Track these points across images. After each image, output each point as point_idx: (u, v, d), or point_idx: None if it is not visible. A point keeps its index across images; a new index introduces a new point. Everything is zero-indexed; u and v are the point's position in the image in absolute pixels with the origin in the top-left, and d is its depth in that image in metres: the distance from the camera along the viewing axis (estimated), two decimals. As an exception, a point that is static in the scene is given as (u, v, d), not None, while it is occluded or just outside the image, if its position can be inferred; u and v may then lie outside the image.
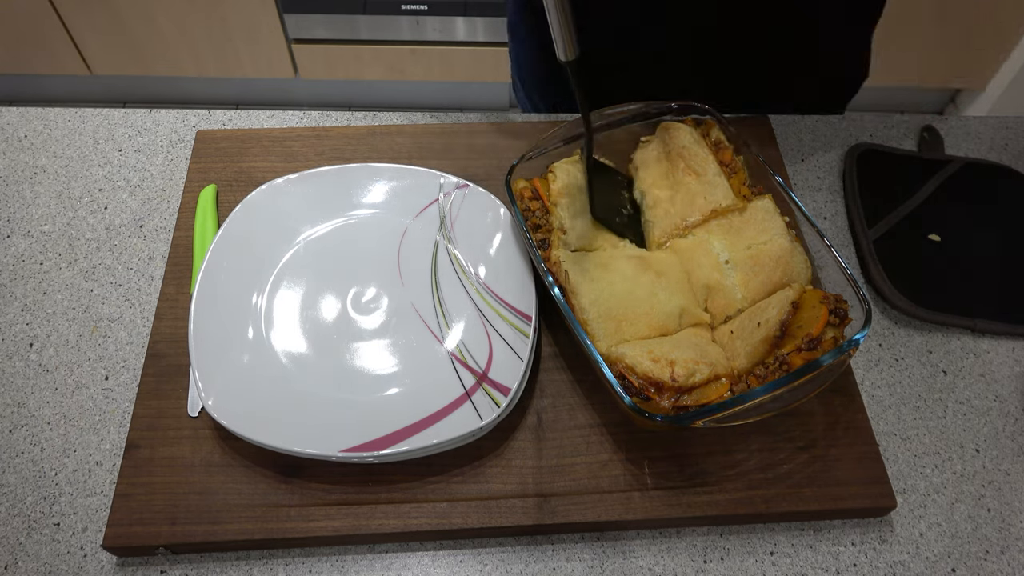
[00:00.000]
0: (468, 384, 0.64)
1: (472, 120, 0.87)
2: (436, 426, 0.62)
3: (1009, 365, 0.73)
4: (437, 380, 0.65)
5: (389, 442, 0.60)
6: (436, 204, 0.76)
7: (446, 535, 0.62)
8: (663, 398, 0.59)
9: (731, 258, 0.69)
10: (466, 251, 0.74)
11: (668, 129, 0.75)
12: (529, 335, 0.66)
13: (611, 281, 0.66)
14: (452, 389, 0.64)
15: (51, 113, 0.88)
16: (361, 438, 0.61)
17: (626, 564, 0.61)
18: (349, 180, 0.77)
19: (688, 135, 0.74)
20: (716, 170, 0.72)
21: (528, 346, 0.65)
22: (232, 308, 0.69)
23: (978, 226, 0.81)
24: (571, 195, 0.71)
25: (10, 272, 0.76)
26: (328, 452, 0.60)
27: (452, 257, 0.73)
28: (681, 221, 0.71)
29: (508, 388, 0.63)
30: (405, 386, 0.66)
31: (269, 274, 0.72)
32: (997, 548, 0.63)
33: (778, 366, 0.61)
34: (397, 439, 0.61)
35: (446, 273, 0.72)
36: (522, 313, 0.68)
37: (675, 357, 0.61)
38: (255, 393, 0.64)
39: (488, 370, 0.65)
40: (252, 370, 0.65)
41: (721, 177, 0.72)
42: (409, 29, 2.00)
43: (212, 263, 0.70)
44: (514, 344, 0.66)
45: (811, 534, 0.63)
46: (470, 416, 0.62)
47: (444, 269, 0.73)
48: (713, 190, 0.71)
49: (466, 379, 0.65)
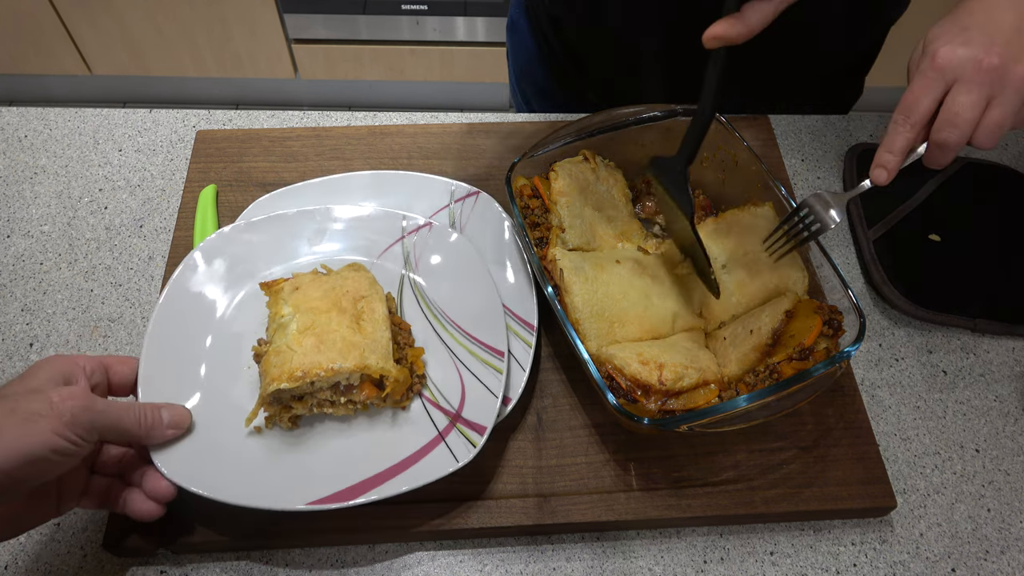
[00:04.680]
0: (441, 426, 0.62)
1: (472, 120, 0.87)
2: (409, 471, 0.59)
3: (1009, 365, 0.73)
4: (408, 423, 0.63)
5: (359, 491, 0.57)
6: (400, 243, 0.72)
7: (446, 535, 0.62)
8: (650, 401, 0.59)
9: (728, 263, 0.69)
10: (433, 286, 0.70)
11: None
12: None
13: (606, 282, 0.66)
14: (425, 432, 0.62)
15: (51, 113, 0.88)
16: (329, 489, 0.57)
17: (626, 564, 0.61)
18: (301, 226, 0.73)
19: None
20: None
21: (529, 355, 0.65)
22: (183, 358, 0.64)
23: (978, 226, 0.81)
24: (572, 194, 0.71)
25: (10, 272, 0.76)
26: (293, 506, 0.57)
27: (416, 291, 0.70)
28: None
29: (484, 427, 0.60)
30: (373, 432, 0.62)
31: (222, 320, 0.67)
32: (997, 548, 0.63)
33: (768, 374, 0.61)
34: (367, 487, 0.58)
35: (410, 307, 0.69)
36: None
37: (664, 360, 0.61)
38: (212, 447, 0.60)
39: (461, 410, 0.62)
40: (207, 425, 0.60)
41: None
42: (409, 29, 2.00)
43: (163, 312, 0.65)
44: (487, 381, 0.63)
45: (811, 534, 0.63)
46: (445, 458, 0.59)
47: (409, 303, 0.70)
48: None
49: (439, 420, 0.62)
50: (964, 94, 0.53)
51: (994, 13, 0.54)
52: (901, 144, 0.56)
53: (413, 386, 0.63)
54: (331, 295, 0.64)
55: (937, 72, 0.53)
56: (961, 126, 0.53)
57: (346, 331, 0.61)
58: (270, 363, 0.60)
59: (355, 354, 0.60)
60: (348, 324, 0.62)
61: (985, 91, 0.53)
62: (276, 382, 0.58)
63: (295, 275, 0.67)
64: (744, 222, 0.70)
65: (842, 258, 0.80)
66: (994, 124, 0.53)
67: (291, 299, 0.64)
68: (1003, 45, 0.52)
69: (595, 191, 0.73)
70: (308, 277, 0.66)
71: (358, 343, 0.61)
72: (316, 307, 0.63)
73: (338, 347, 0.60)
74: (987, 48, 0.53)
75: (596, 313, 0.64)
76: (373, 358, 0.60)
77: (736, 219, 0.71)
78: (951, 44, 0.53)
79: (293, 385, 0.58)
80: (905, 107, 0.55)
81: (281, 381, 0.58)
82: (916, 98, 0.54)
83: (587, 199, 0.72)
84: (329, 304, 0.63)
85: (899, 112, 0.55)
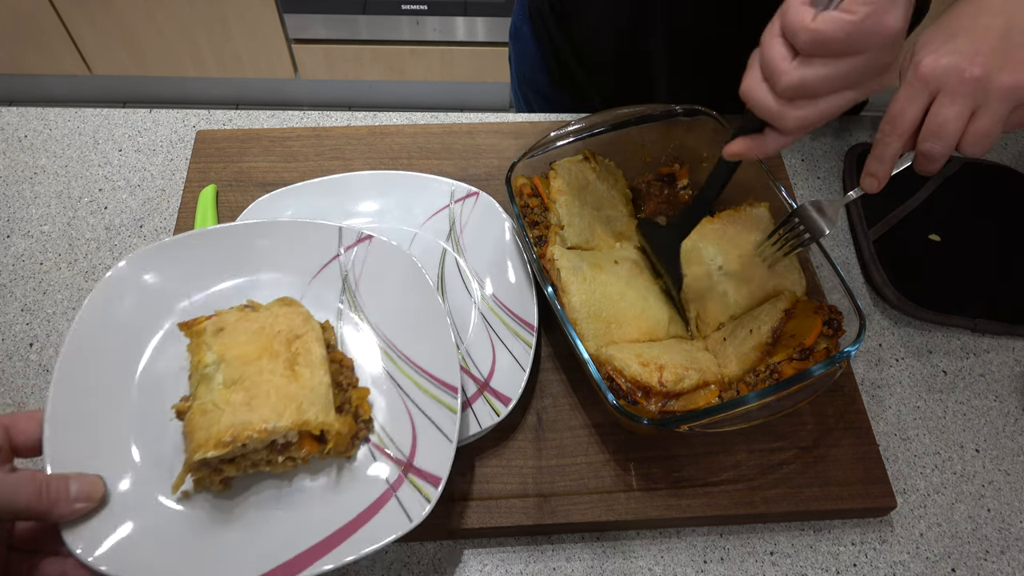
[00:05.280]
0: (392, 478, 0.56)
1: (472, 120, 0.87)
2: (358, 535, 0.53)
3: (1009, 365, 0.73)
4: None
5: (301, 566, 0.51)
6: (337, 261, 0.66)
7: (446, 535, 0.62)
8: (650, 402, 0.59)
9: (724, 265, 0.69)
10: (376, 311, 0.64)
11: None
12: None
13: (603, 282, 0.66)
14: (374, 486, 0.56)
15: (51, 113, 0.88)
16: (269, 563, 0.51)
17: (626, 564, 0.61)
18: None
19: None
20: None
21: (529, 355, 0.64)
22: (95, 409, 0.56)
23: (978, 226, 0.81)
24: (571, 193, 0.71)
25: (10, 272, 0.76)
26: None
27: (360, 316, 0.64)
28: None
29: (438, 479, 0.54)
30: (316, 491, 0.56)
31: (143, 359, 0.60)
32: (997, 548, 0.63)
33: (768, 374, 0.61)
34: (311, 559, 0.51)
35: (352, 335, 0.64)
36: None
37: (664, 362, 0.61)
38: (133, 520, 0.52)
39: (413, 457, 0.56)
40: (126, 493, 0.53)
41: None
42: (409, 29, 2.00)
43: (72, 352, 0.57)
44: (440, 423, 0.57)
45: (811, 534, 0.63)
46: (396, 517, 0.53)
47: (350, 331, 0.64)
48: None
49: (389, 472, 0.56)
50: (947, 105, 0.52)
51: (981, 19, 0.53)
52: (890, 154, 0.56)
53: (359, 433, 0.58)
54: (261, 337, 0.57)
55: (921, 82, 0.53)
56: (945, 137, 0.53)
57: (280, 380, 0.54)
58: (195, 425, 0.53)
59: (291, 409, 0.53)
60: (282, 371, 0.55)
61: (969, 101, 0.52)
62: (202, 449, 0.51)
63: (218, 313, 0.59)
64: (740, 223, 0.70)
65: (842, 258, 0.80)
66: (980, 134, 0.53)
67: (215, 343, 0.56)
68: (988, 53, 0.52)
69: (595, 190, 0.73)
70: (234, 315, 0.59)
71: (294, 394, 0.54)
72: (244, 353, 0.55)
73: (272, 402, 0.53)
74: (971, 57, 0.52)
75: (593, 313, 0.64)
76: (312, 411, 0.54)
77: (732, 220, 0.71)
78: (936, 53, 0.53)
79: (221, 452, 0.51)
80: (891, 117, 0.55)
81: (208, 448, 0.51)
82: (901, 108, 0.54)
83: (586, 198, 0.72)
84: (259, 348, 0.56)
85: (886, 122, 0.55)
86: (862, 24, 0.46)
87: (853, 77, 0.49)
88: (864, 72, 0.49)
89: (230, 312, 0.59)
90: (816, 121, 0.51)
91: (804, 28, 0.48)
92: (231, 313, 0.59)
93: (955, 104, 0.52)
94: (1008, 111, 0.52)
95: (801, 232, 0.63)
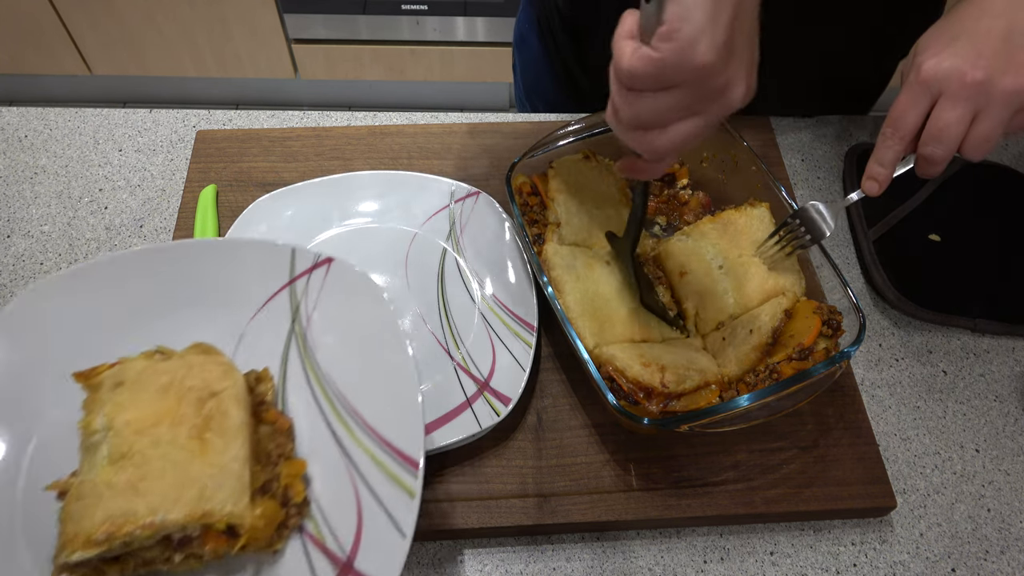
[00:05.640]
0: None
1: (472, 120, 0.87)
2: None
3: (1009, 365, 0.73)
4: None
5: None
6: (289, 289, 0.57)
7: (446, 535, 0.62)
8: (652, 403, 0.59)
9: (724, 264, 0.69)
10: (329, 355, 0.55)
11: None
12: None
13: (596, 280, 0.66)
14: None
15: (51, 113, 0.88)
16: None
17: (626, 564, 0.61)
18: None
19: None
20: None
21: (530, 354, 0.64)
22: None
23: (978, 226, 0.81)
24: (570, 191, 0.71)
25: (10, 272, 0.76)
26: None
27: (307, 363, 0.56)
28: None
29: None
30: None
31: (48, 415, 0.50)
32: (997, 548, 0.63)
33: (768, 374, 0.61)
34: None
35: (296, 387, 0.56)
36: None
37: (666, 363, 0.61)
38: None
39: (354, 558, 0.45)
40: None
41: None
42: (409, 29, 2.00)
43: None
44: (393, 509, 0.48)
45: (811, 534, 0.63)
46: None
47: (295, 381, 0.57)
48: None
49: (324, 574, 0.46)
50: (949, 109, 0.52)
51: (983, 21, 0.53)
52: (891, 157, 0.55)
53: (288, 520, 0.47)
54: (167, 395, 0.46)
55: (922, 86, 0.53)
56: (946, 141, 0.53)
57: (180, 455, 0.44)
58: (69, 512, 0.43)
59: (190, 495, 0.43)
60: (185, 442, 0.45)
61: (971, 105, 0.52)
62: (68, 548, 0.41)
63: (122, 361, 0.49)
64: (740, 223, 0.70)
65: (842, 258, 0.80)
66: (981, 138, 0.53)
67: (109, 402, 0.46)
68: (990, 57, 0.51)
69: (594, 189, 0.74)
70: (139, 364, 0.48)
71: (196, 475, 0.44)
72: (139, 418, 0.45)
73: (166, 484, 0.43)
74: (973, 61, 0.51)
75: (587, 312, 0.64)
76: (218, 497, 0.43)
77: (732, 220, 0.71)
78: (937, 56, 0.53)
79: (91, 552, 0.41)
80: (892, 120, 0.55)
81: (74, 547, 0.41)
82: (903, 112, 0.54)
83: (585, 196, 0.72)
84: (160, 411, 0.46)
85: (887, 125, 0.55)
86: (667, 61, 0.44)
87: (687, 105, 0.46)
88: (696, 99, 0.46)
89: (136, 360, 0.49)
90: (677, 147, 0.48)
91: (617, 67, 0.46)
92: (137, 361, 0.49)
93: (956, 108, 0.52)
94: (1010, 115, 0.52)
95: (802, 234, 0.63)
